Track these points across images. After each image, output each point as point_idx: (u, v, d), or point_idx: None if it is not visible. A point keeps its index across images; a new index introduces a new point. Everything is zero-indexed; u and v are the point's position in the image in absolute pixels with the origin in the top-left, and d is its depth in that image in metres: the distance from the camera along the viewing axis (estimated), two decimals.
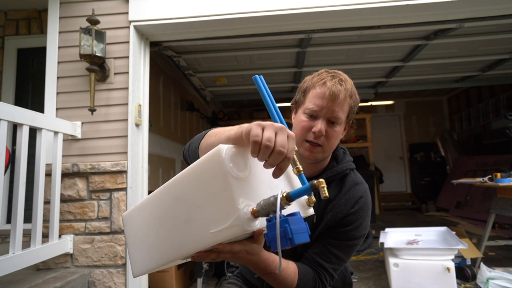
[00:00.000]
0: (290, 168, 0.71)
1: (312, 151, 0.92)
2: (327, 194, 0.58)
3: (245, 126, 0.59)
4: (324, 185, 0.56)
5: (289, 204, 0.57)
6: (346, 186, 0.98)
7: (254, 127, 0.57)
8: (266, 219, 0.57)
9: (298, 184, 0.73)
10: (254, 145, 0.56)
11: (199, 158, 0.84)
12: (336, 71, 0.96)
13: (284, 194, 0.56)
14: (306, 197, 0.73)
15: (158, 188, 0.71)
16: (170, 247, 0.67)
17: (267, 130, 0.56)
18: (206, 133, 0.86)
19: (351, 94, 0.92)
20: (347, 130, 1.01)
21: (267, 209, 0.55)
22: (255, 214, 0.56)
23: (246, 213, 0.55)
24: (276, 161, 0.56)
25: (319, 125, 0.89)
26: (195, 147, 0.87)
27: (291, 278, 0.85)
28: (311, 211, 0.74)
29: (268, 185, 0.65)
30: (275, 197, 0.55)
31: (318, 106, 0.90)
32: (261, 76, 0.74)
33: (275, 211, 0.54)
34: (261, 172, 0.64)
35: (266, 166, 0.58)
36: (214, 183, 0.58)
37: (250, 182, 0.60)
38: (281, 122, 0.68)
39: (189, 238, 0.63)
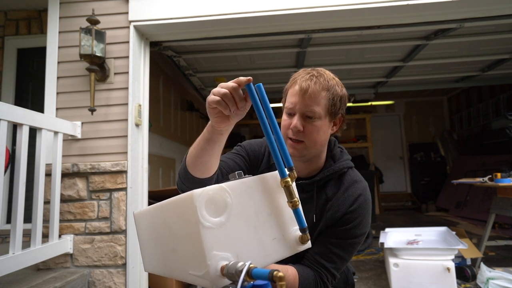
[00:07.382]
0: (284, 200, 0.65)
1: (295, 148, 0.93)
2: None
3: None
4: (284, 283, 0.47)
5: (251, 281, 0.50)
6: (345, 185, 0.98)
7: (207, 101, 0.70)
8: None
9: (288, 223, 0.66)
10: (210, 108, 0.71)
11: (191, 175, 0.84)
12: (315, 68, 0.96)
13: (250, 266, 0.49)
14: (300, 233, 0.66)
15: (160, 202, 0.67)
16: (164, 265, 0.66)
17: (213, 92, 0.70)
18: (186, 155, 0.87)
19: (328, 87, 0.91)
20: (339, 125, 1.00)
21: (231, 276, 0.50)
22: (224, 274, 0.51)
23: (216, 270, 0.51)
24: (228, 98, 0.67)
25: (295, 121, 0.91)
26: (184, 170, 0.86)
27: (291, 284, 0.86)
28: (308, 245, 0.68)
29: (253, 224, 0.59)
30: (239, 269, 0.49)
31: (292, 103, 0.92)
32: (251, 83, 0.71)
33: (237, 282, 0.49)
34: (246, 209, 0.58)
35: (237, 111, 0.70)
36: (188, 228, 0.54)
37: (229, 225, 0.54)
38: (273, 125, 0.66)
39: (175, 267, 0.60)
